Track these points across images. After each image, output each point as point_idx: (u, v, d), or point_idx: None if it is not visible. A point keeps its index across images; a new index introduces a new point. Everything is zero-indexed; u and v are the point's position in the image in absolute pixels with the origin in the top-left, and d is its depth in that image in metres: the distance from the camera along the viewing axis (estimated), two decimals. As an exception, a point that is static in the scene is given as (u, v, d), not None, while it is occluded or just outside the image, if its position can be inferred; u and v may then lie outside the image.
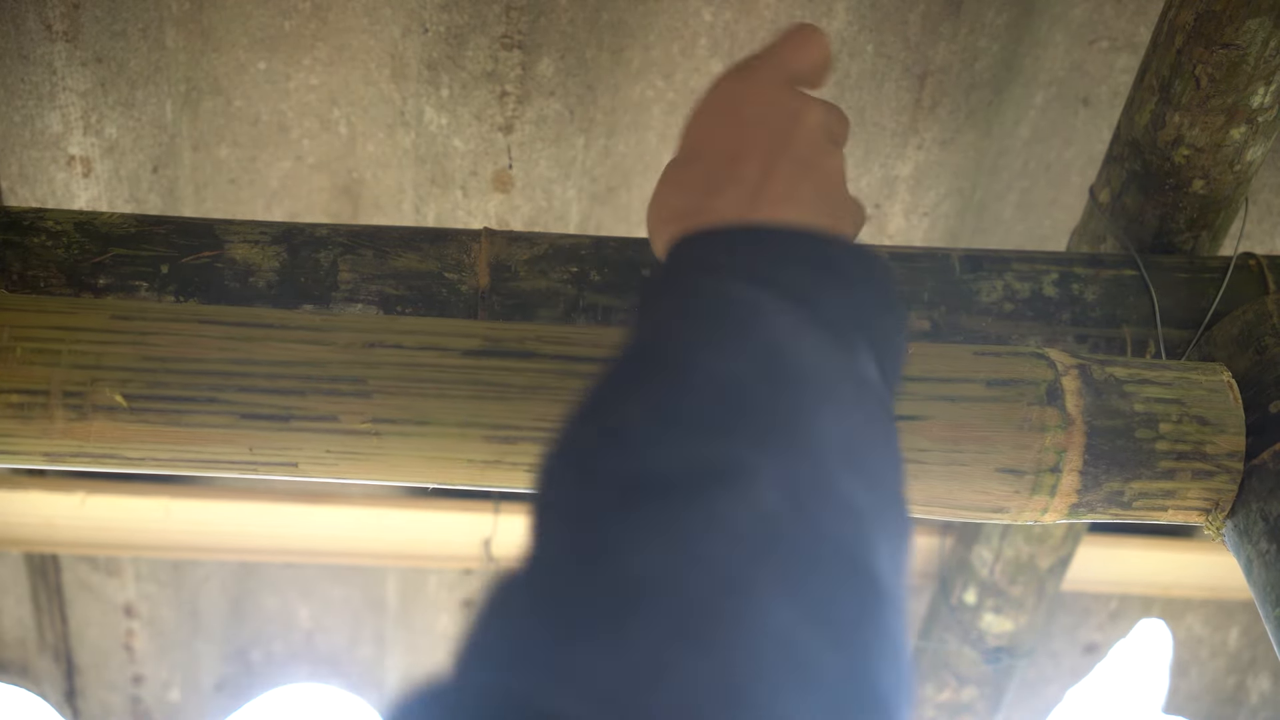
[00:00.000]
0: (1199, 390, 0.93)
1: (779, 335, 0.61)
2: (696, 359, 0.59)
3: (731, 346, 0.59)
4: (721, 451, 0.54)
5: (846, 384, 0.61)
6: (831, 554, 0.52)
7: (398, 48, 1.36)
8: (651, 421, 0.56)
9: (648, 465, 0.54)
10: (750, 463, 0.54)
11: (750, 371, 0.58)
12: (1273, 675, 1.92)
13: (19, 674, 1.84)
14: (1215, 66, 1.03)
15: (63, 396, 0.83)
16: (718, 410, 0.56)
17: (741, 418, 0.56)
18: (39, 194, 1.38)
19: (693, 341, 0.60)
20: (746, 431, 0.55)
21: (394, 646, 1.86)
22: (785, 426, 0.56)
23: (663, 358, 0.60)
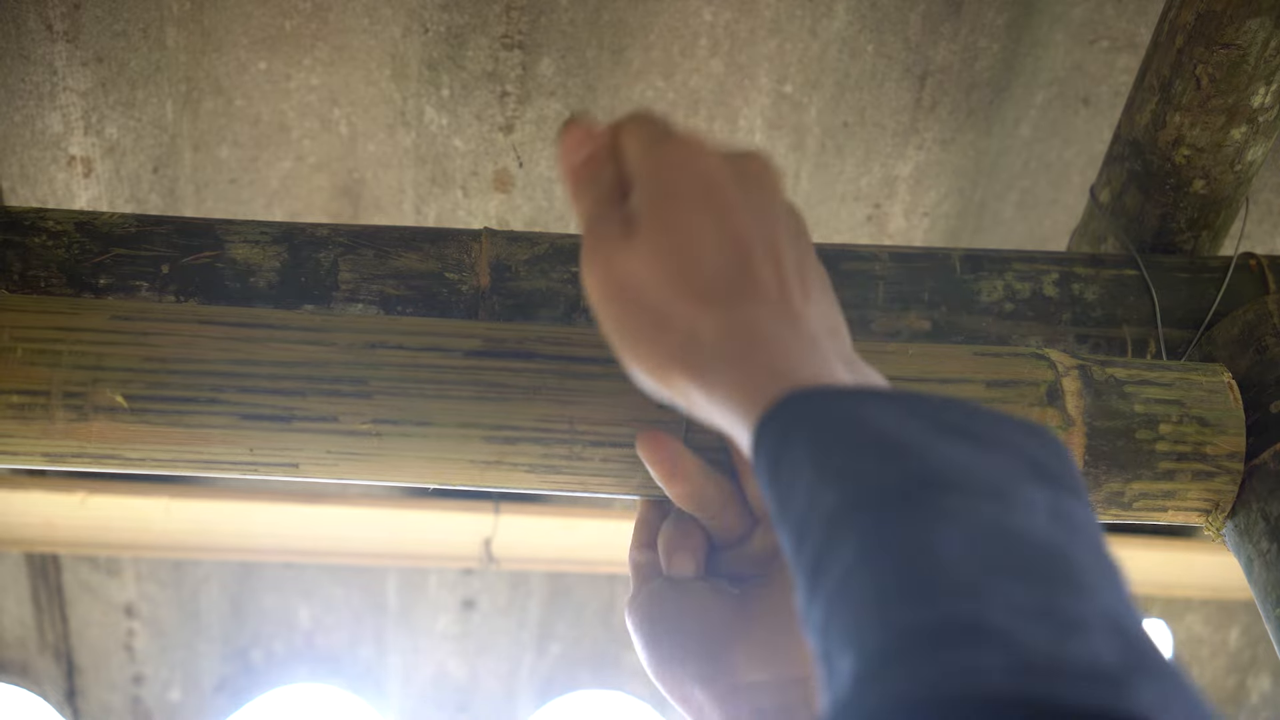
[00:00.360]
0: (1199, 391, 0.93)
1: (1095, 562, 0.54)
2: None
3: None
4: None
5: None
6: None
7: (398, 48, 1.36)
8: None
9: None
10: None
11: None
12: (1273, 675, 1.92)
13: (19, 674, 1.84)
14: (1216, 66, 1.03)
15: (63, 397, 0.83)
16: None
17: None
18: (40, 194, 1.38)
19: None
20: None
21: (394, 646, 1.86)
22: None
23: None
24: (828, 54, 1.37)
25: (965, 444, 0.57)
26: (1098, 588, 0.52)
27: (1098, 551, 0.55)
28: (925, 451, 0.56)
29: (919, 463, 0.55)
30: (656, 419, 0.85)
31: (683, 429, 0.82)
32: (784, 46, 1.37)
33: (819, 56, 1.37)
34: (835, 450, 0.57)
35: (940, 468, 0.55)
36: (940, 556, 0.52)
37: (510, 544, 1.69)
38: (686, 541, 0.81)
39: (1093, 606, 0.51)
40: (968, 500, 0.54)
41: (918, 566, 0.52)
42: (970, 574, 0.51)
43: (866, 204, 1.47)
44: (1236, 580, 1.03)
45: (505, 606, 1.84)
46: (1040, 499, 0.55)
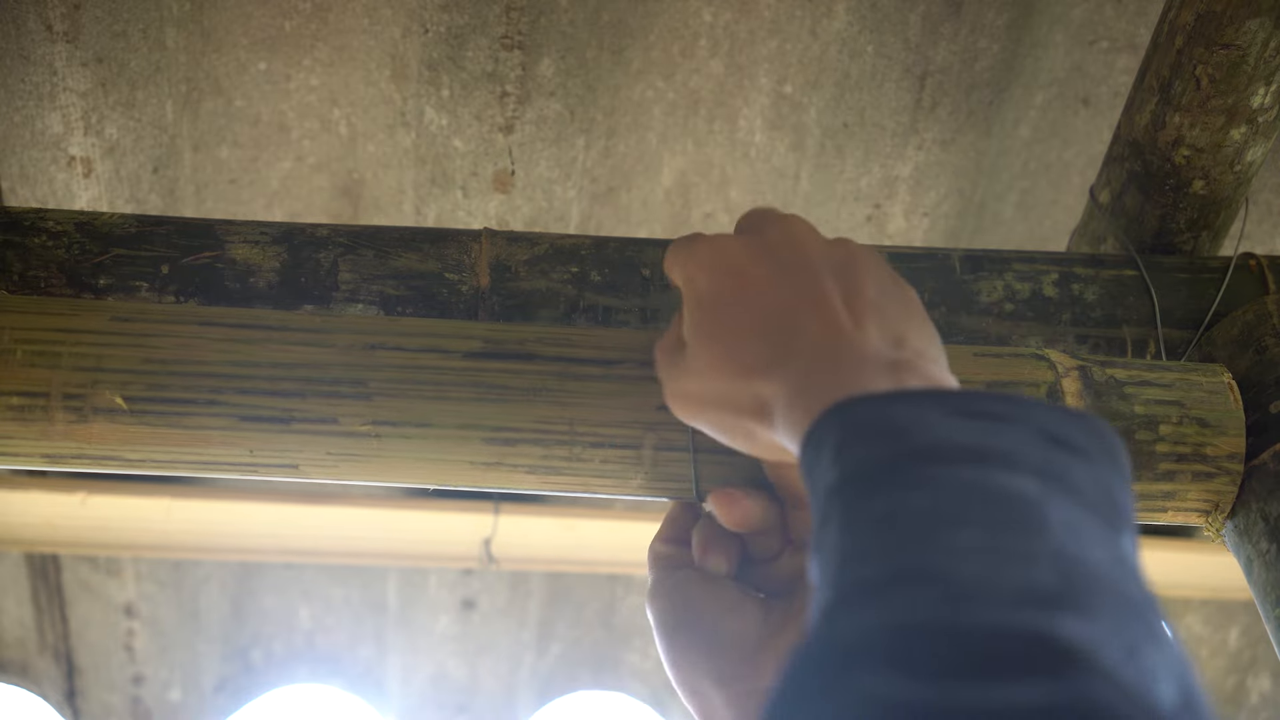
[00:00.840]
0: (1199, 392, 0.93)
1: (1072, 538, 0.53)
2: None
3: (1030, 556, 0.52)
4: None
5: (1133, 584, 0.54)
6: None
7: (398, 48, 1.36)
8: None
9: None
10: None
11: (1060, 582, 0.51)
12: (1273, 675, 1.92)
13: (19, 674, 1.84)
14: (1215, 67, 1.03)
15: (63, 399, 0.83)
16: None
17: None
18: (39, 194, 1.38)
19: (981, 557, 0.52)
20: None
21: (394, 646, 1.86)
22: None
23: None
24: (828, 54, 1.37)
25: (978, 423, 0.58)
26: (1060, 533, 0.53)
27: (1088, 508, 0.55)
28: (927, 431, 0.58)
29: (915, 440, 0.57)
30: (656, 420, 0.85)
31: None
32: (784, 47, 1.37)
33: (819, 57, 1.37)
34: (849, 441, 0.60)
35: (934, 442, 0.57)
36: (903, 517, 0.54)
37: (510, 544, 1.69)
38: (722, 542, 0.82)
39: (1046, 546, 0.52)
40: (951, 467, 0.56)
41: (880, 527, 0.54)
42: (927, 528, 0.53)
43: (866, 204, 1.47)
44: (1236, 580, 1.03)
45: (505, 607, 1.84)
46: (1034, 461, 0.56)
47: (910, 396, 0.61)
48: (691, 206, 1.49)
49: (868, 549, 0.54)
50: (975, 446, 0.57)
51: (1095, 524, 0.55)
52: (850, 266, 0.73)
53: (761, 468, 0.81)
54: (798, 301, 0.71)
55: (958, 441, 0.57)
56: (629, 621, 1.88)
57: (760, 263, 0.74)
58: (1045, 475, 0.56)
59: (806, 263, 0.73)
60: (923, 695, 0.45)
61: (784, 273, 0.73)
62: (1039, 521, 0.53)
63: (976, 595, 0.49)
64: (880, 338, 0.69)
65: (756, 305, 0.72)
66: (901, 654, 0.47)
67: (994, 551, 0.51)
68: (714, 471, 0.85)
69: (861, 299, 0.71)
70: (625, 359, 0.86)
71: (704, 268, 0.75)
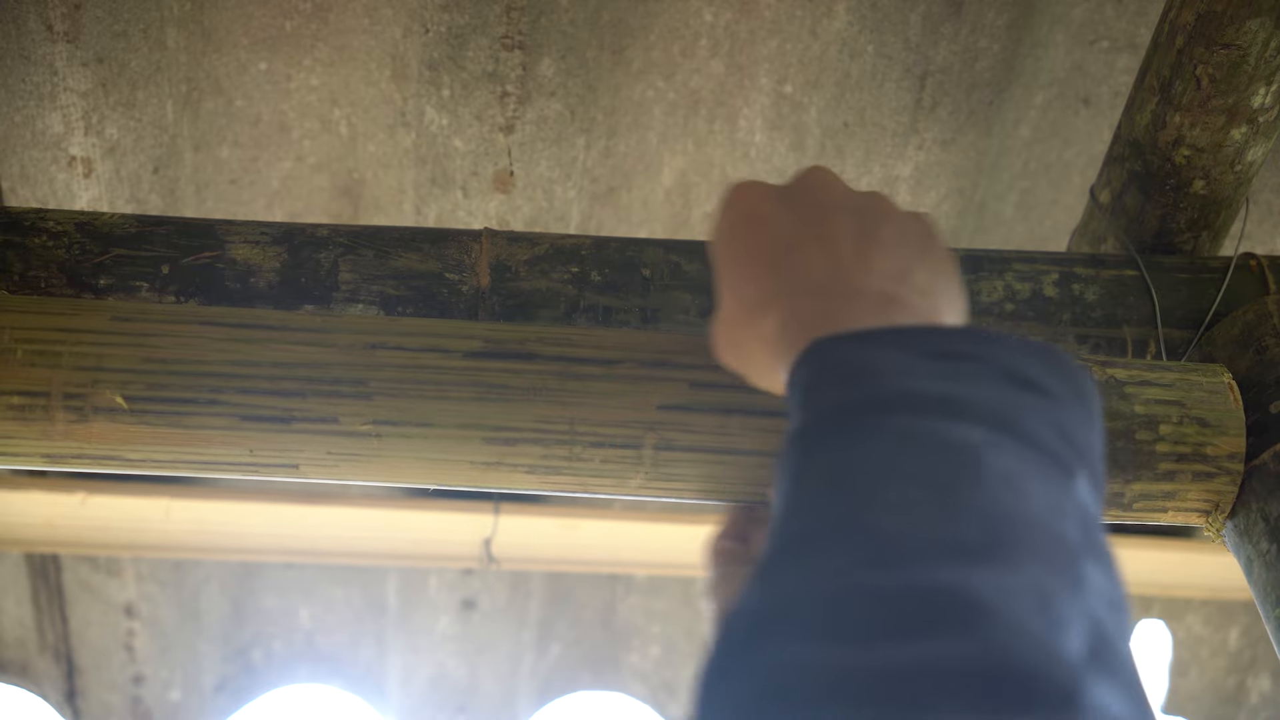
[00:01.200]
0: (1199, 392, 0.93)
1: (1006, 488, 0.53)
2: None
3: (958, 509, 0.52)
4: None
5: (1076, 530, 0.54)
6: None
7: (398, 48, 1.36)
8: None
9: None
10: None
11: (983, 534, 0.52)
12: (1273, 675, 1.92)
13: (19, 674, 1.84)
14: (1216, 67, 1.03)
15: (63, 398, 0.83)
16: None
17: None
18: (40, 194, 1.38)
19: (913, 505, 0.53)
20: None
21: (394, 646, 1.86)
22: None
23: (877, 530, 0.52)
24: (828, 54, 1.37)
25: (943, 364, 0.59)
26: (994, 484, 0.53)
27: (1038, 451, 0.56)
28: (888, 376, 0.59)
29: (873, 387, 0.58)
30: (657, 420, 0.85)
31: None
32: (784, 47, 1.37)
33: (819, 57, 1.37)
34: (814, 384, 0.61)
35: (891, 391, 0.58)
36: (843, 471, 0.55)
37: (510, 544, 1.69)
38: None
39: (976, 498, 0.52)
40: (901, 417, 0.56)
41: (822, 481, 0.55)
42: (863, 484, 0.54)
43: (866, 204, 1.47)
44: (1236, 580, 1.03)
45: (505, 607, 1.84)
46: (987, 406, 0.57)
47: (883, 335, 0.62)
48: (692, 206, 1.49)
49: (806, 503, 0.55)
50: (930, 394, 0.57)
51: (1041, 469, 0.55)
52: (872, 211, 0.74)
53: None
54: (803, 236, 0.72)
55: (914, 389, 0.58)
56: (629, 621, 1.88)
57: (774, 201, 0.75)
58: (996, 420, 0.56)
59: (821, 201, 0.74)
60: (835, 660, 0.46)
61: (795, 210, 0.74)
62: (974, 473, 0.54)
63: (896, 553, 0.50)
64: (883, 274, 0.69)
65: (763, 238, 0.73)
66: (818, 618, 0.48)
67: (920, 506, 0.52)
68: (721, 472, 0.85)
69: (873, 238, 0.71)
70: (625, 359, 0.86)
71: (726, 208, 0.77)
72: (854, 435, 0.57)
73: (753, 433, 0.85)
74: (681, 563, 1.75)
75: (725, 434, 0.85)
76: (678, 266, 1.04)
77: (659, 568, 1.77)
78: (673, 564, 1.75)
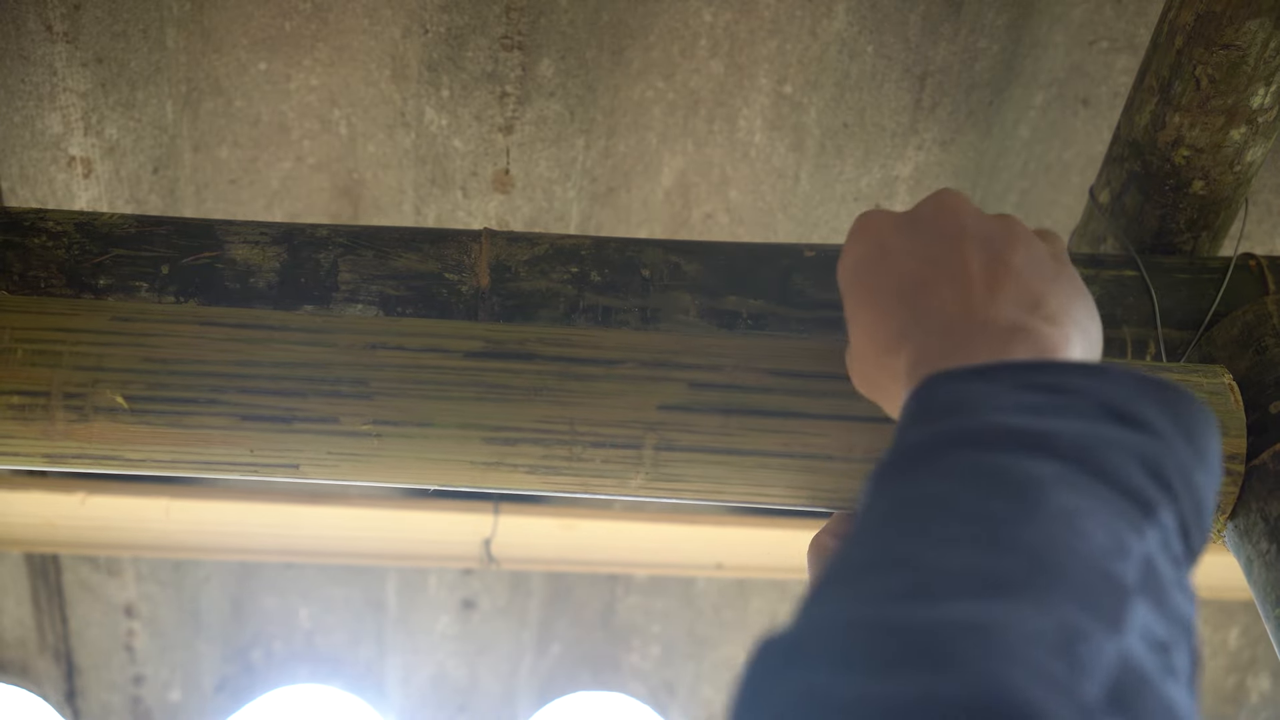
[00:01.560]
0: (1200, 393, 0.93)
1: (1063, 526, 0.52)
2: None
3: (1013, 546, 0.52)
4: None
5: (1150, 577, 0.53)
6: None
7: (398, 48, 1.36)
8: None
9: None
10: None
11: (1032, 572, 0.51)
12: (1273, 675, 1.92)
13: (19, 674, 1.84)
14: (1215, 67, 1.03)
15: (63, 398, 0.83)
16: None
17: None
18: (39, 194, 1.38)
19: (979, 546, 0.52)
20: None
21: (394, 646, 1.86)
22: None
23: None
24: (828, 54, 1.37)
25: (1038, 397, 0.58)
26: (1050, 520, 0.53)
27: (1113, 489, 0.55)
28: (978, 410, 0.58)
29: (960, 422, 0.58)
30: (657, 420, 0.85)
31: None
32: (784, 47, 1.37)
33: (819, 57, 1.37)
34: (910, 420, 0.61)
35: (976, 425, 0.57)
36: (908, 503, 0.55)
37: (510, 544, 1.69)
38: None
39: (1027, 533, 0.52)
40: (977, 451, 0.56)
41: (887, 513, 0.55)
42: (922, 516, 0.54)
43: (866, 204, 1.47)
44: (1236, 580, 1.03)
45: (505, 607, 1.84)
46: (1069, 440, 0.56)
47: (989, 371, 0.61)
48: (691, 207, 1.50)
49: (863, 534, 0.55)
50: (1011, 427, 0.57)
51: (1112, 506, 0.54)
52: (1002, 237, 0.73)
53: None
54: (932, 270, 0.71)
55: (996, 422, 0.57)
56: (629, 621, 1.88)
57: (902, 233, 0.74)
58: (1074, 454, 0.56)
59: (948, 230, 0.73)
60: (845, 690, 0.46)
61: (924, 242, 0.73)
62: (1032, 509, 0.53)
63: (929, 587, 0.50)
64: (1013, 304, 0.68)
65: (893, 276, 0.73)
66: (839, 648, 0.48)
67: (966, 541, 0.52)
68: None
69: (1003, 266, 0.70)
70: (626, 359, 0.86)
71: (852, 242, 0.76)
72: (925, 468, 0.56)
73: (754, 433, 0.85)
74: (681, 563, 1.75)
75: (726, 434, 0.85)
76: (677, 266, 1.04)
77: (659, 568, 1.77)
78: (673, 564, 1.75)
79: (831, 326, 1.04)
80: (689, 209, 1.50)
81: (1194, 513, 0.58)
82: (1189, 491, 0.58)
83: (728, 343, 0.88)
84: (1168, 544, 0.55)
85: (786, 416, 0.85)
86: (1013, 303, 0.68)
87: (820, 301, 1.04)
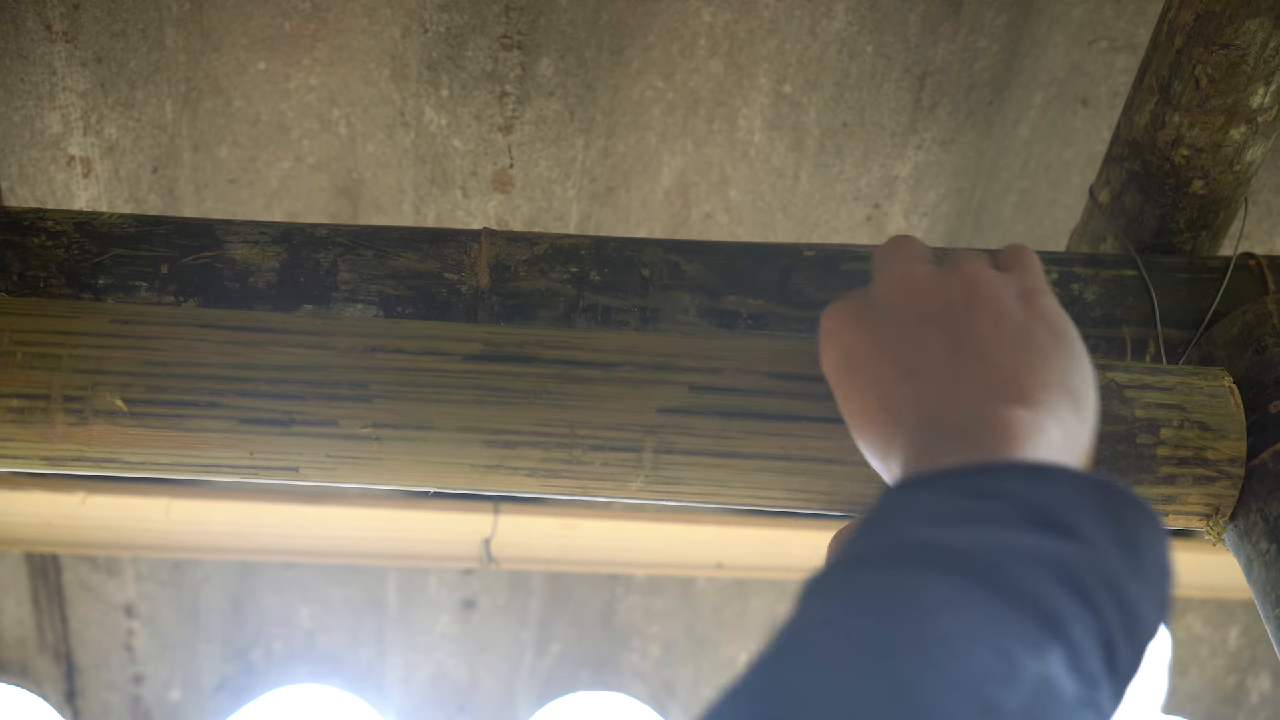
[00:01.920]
0: (1200, 395, 0.93)
1: (943, 652, 0.50)
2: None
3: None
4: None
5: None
6: None
7: (397, 48, 1.36)
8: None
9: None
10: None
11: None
12: (1273, 675, 1.92)
13: (19, 674, 1.84)
14: (1215, 67, 1.03)
15: (63, 401, 0.83)
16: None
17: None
18: (39, 194, 1.38)
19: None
20: None
21: (394, 646, 1.86)
22: None
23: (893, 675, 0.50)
24: (827, 54, 1.37)
25: (966, 504, 0.57)
26: (931, 647, 0.50)
27: (1014, 605, 0.52)
28: (900, 522, 0.57)
29: (876, 537, 0.57)
30: (657, 423, 0.85)
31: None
32: (783, 46, 1.37)
33: (818, 57, 1.37)
34: (851, 538, 0.59)
35: (886, 542, 0.56)
36: (799, 627, 0.53)
37: (510, 544, 1.69)
38: None
39: (901, 663, 0.50)
40: (879, 571, 0.54)
41: (784, 634, 0.53)
42: (802, 644, 0.52)
43: (866, 204, 1.47)
44: (1236, 580, 1.03)
45: (505, 606, 1.84)
46: (976, 554, 0.54)
47: (927, 481, 0.60)
48: (691, 206, 1.49)
49: (767, 647, 0.53)
50: (921, 541, 0.55)
51: (1006, 628, 0.52)
52: (961, 307, 0.71)
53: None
54: (898, 370, 0.70)
55: (909, 536, 0.56)
56: (629, 621, 1.88)
57: (863, 329, 0.74)
58: (978, 569, 0.53)
59: (905, 316, 0.72)
60: None
61: (885, 336, 0.72)
62: (913, 634, 0.51)
63: (792, 712, 0.48)
64: (983, 391, 0.66)
65: (865, 380, 0.72)
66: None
67: (843, 668, 0.50)
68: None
69: (968, 349, 0.69)
70: (625, 361, 0.86)
71: (823, 345, 0.77)
72: (835, 586, 0.55)
73: (753, 436, 0.85)
74: (681, 563, 1.75)
75: (726, 438, 0.85)
76: (677, 266, 1.04)
77: (659, 568, 1.77)
78: (673, 564, 1.75)
79: (831, 327, 1.04)
80: (688, 209, 1.50)
81: (1122, 626, 0.55)
82: (1117, 603, 0.55)
83: (727, 345, 0.88)
84: (1079, 662, 0.52)
85: (787, 420, 0.85)
86: (981, 390, 0.67)
87: (820, 301, 1.04)
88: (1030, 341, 0.69)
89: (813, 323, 1.04)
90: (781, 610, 1.87)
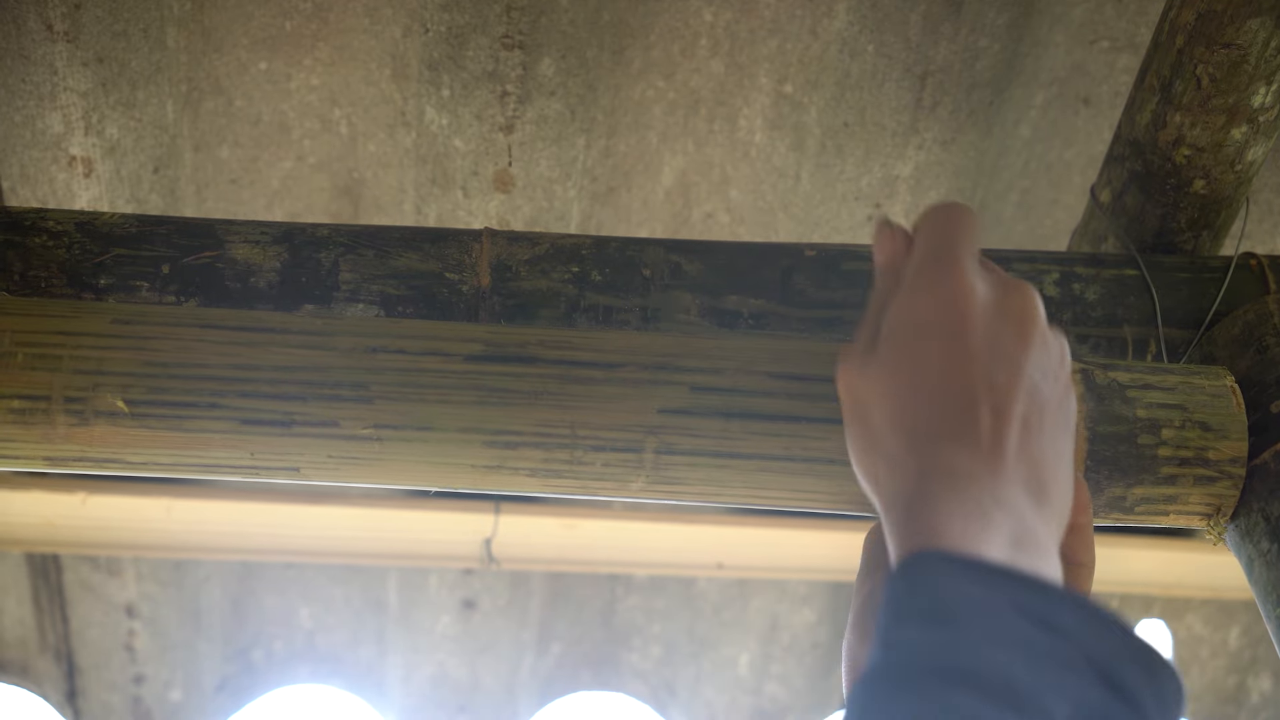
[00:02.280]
0: (1201, 395, 0.93)
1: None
2: None
3: None
4: None
5: None
6: None
7: (399, 48, 1.36)
8: None
9: None
10: None
11: None
12: (1273, 675, 1.92)
13: (19, 674, 1.84)
14: (1216, 66, 1.03)
15: (64, 401, 0.83)
16: None
17: None
18: (40, 194, 1.38)
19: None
20: None
21: (394, 646, 1.86)
22: None
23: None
24: (828, 54, 1.37)
25: (1027, 631, 0.57)
26: None
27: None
28: (970, 638, 0.56)
29: (947, 647, 0.56)
30: (658, 424, 0.85)
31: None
32: (784, 46, 1.37)
33: (819, 56, 1.37)
34: (904, 614, 0.58)
35: (961, 663, 0.55)
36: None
37: (510, 544, 1.69)
38: None
39: None
40: (947, 694, 0.54)
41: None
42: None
43: (867, 204, 1.47)
44: (1236, 580, 1.03)
45: (505, 606, 1.84)
46: (1038, 697, 0.54)
47: (986, 576, 0.59)
48: (692, 206, 1.49)
49: None
50: (999, 680, 0.55)
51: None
52: (1050, 381, 0.69)
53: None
54: (984, 395, 0.67)
55: (985, 667, 0.55)
56: (629, 621, 1.88)
57: (977, 335, 0.69)
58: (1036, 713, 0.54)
59: (1016, 359, 0.69)
60: None
61: (991, 358, 0.68)
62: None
63: None
64: (1020, 479, 0.66)
65: (951, 373, 0.68)
66: None
67: None
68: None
69: (1036, 425, 0.67)
70: (626, 362, 0.86)
71: (931, 297, 0.71)
72: (904, 693, 0.55)
73: (754, 437, 0.85)
74: (682, 563, 1.75)
75: (726, 438, 0.85)
76: (678, 266, 1.04)
77: (659, 568, 1.77)
78: (673, 564, 1.75)
79: (832, 326, 1.04)
80: (689, 208, 1.50)
81: None
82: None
83: (728, 345, 0.88)
84: None
85: (787, 420, 0.85)
86: (1022, 473, 0.66)
87: (821, 301, 1.04)
88: (1059, 423, 0.69)
89: (814, 322, 1.04)
90: (781, 610, 1.87)
